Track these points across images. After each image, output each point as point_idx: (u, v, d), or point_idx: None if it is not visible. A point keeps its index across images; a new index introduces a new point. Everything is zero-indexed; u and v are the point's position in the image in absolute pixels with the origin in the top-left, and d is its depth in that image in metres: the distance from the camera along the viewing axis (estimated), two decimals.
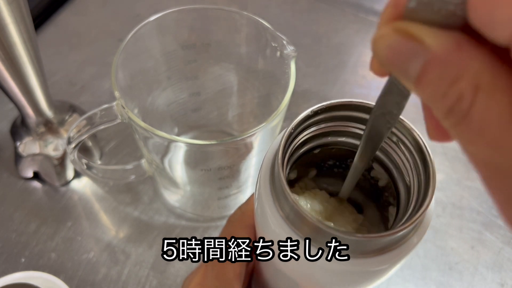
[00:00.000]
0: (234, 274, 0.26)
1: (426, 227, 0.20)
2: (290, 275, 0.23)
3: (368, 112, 0.21)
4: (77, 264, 0.40)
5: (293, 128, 0.21)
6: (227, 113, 0.44)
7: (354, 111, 0.22)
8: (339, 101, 0.21)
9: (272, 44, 0.33)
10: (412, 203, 0.20)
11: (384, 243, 0.19)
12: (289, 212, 0.19)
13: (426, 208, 0.18)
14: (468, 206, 0.44)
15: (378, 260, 0.19)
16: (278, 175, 0.19)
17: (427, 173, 0.19)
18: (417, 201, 0.20)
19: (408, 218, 0.19)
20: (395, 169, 0.22)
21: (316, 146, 0.23)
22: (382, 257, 0.19)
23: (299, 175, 0.26)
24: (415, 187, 0.20)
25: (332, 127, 0.22)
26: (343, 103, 0.21)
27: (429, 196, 0.18)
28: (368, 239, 0.18)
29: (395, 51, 0.12)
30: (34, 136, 0.42)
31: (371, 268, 0.19)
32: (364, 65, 0.55)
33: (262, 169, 0.22)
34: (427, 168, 0.19)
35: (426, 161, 0.19)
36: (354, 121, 0.22)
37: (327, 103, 0.21)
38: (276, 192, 0.20)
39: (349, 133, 0.23)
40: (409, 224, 0.18)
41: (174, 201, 0.43)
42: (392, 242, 0.19)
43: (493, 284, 0.40)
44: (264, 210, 0.21)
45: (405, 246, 0.19)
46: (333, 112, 0.22)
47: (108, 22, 0.58)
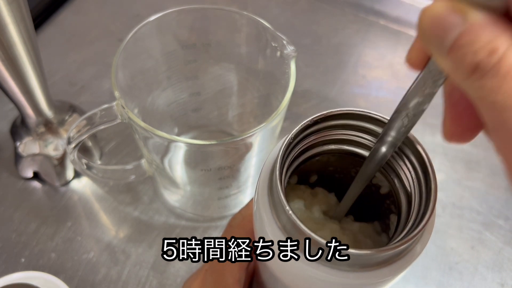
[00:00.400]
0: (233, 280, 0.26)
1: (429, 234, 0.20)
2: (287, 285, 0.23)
3: (368, 121, 0.21)
4: (77, 264, 0.40)
5: (292, 138, 0.20)
6: (227, 113, 0.44)
7: (354, 120, 0.22)
8: (339, 110, 0.21)
9: (272, 44, 0.33)
10: (413, 213, 0.20)
11: (385, 256, 0.18)
12: (286, 223, 0.19)
13: (427, 221, 0.18)
14: (468, 206, 0.44)
15: (380, 273, 0.19)
16: (276, 187, 0.19)
17: (428, 186, 0.19)
18: (419, 212, 0.19)
19: (410, 230, 0.19)
20: (396, 178, 0.22)
21: (316, 154, 0.23)
22: (384, 270, 0.19)
23: (300, 179, 0.26)
24: (416, 196, 0.20)
25: (332, 135, 0.22)
26: (343, 112, 0.21)
27: (429, 210, 0.18)
28: (367, 254, 0.18)
29: (439, 21, 0.14)
30: (34, 136, 0.42)
31: (373, 280, 0.19)
32: (364, 65, 0.55)
33: (260, 177, 0.21)
34: (428, 181, 0.19)
35: (428, 173, 0.19)
36: (354, 130, 0.22)
37: (326, 112, 0.21)
38: (274, 201, 0.20)
39: (349, 142, 0.23)
40: (410, 238, 0.18)
41: (174, 201, 0.43)
42: (394, 255, 0.19)
43: (493, 284, 0.40)
44: (261, 217, 0.21)
45: (408, 257, 0.19)
46: (333, 121, 0.22)
47: (108, 22, 0.58)
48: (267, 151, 0.35)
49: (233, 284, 0.25)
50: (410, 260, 0.19)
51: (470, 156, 0.47)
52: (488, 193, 0.44)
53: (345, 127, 0.22)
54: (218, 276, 0.26)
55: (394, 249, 0.18)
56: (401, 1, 0.60)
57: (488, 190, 0.45)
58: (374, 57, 0.55)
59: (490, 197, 0.44)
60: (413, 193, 0.21)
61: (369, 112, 0.21)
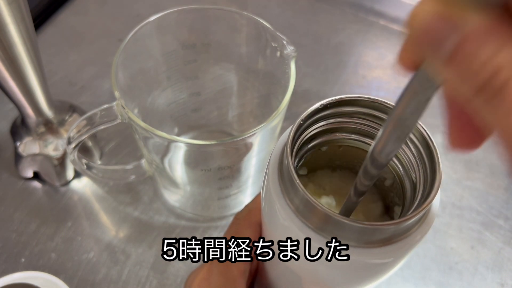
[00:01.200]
0: (239, 271, 0.26)
1: (429, 225, 0.20)
2: (293, 271, 0.23)
3: (378, 109, 0.21)
4: (77, 264, 0.40)
5: (302, 120, 0.21)
6: (227, 113, 0.44)
7: (365, 108, 0.22)
8: (350, 96, 0.21)
9: (272, 44, 0.33)
10: (417, 198, 0.20)
11: (389, 232, 0.19)
12: (299, 203, 0.19)
13: (433, 198, 0.18)
14: (468, 206, 0.44)
15: (381, 251, 0.19)
16: (287, 165, 0.19)
17: (433, 167, 0.19)
18: (423, 196, 0.20)
19: (414, 209, 0.19)
20: (401, 166, 0.22)
21: (324, 142, 0.23)
22: (385, 249, 0.19)
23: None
24: (421, 183, 0.21)
25: (341, 123, 0.23)
26: (354, 98, 0.21)
27: (435, 189, 0.19)
28: (374, 227, 0.18)
29: (432, 25, 0.12)
30: (34, 136, 0.42)
31: (373, 259, 0.19)
32: (364, 65, 0.55)
33: (270, 165, 0.22)
34: (433, 162, 0.20)
35: (432, 154, 0.20)
36: (363, 118, 0.22)
37: (338, 97, 0.21)
38: (285, 184, 0.20)
39: (358, 130, 0.23)
40: (415, 214, 0.18)
41: (174, 201, 0.43)
42: (397, 233, 0.19)
43: (493, 284, 0.40)
44: (272, 205, 0.21)
45: (408, 240, 0.19)
46: (343, 107, 0.22)
47: (108, 22, 0.58)
48: (267, 151, 0.35)
49: (238, 275, 0.26)
50: (410, 244, 0.19)
51: (469, 156, 0.47)
52: (488, 193, 0.44)
53: (355, 114, 0.22)
54: (224, 266, 0.26)
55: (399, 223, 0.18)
56: (401, 1, 0.60)
57: (488, 190, 0.45)
58: (374, 57, 0.55)
59: (490, 197, 0.44)
60: (417, 178, 0.21)
61: (379, 99, 0.21)
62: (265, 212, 0.23)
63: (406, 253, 0.20)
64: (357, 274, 0.21)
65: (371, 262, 0.19)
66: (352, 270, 0.20)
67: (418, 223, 0.20)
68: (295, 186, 0.19)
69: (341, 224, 0.18)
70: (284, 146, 0.20)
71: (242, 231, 0.27)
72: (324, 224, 0.19)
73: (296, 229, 0.20)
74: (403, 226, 0.19)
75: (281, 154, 0.21)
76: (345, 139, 0.23)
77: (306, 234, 0.19)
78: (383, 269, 0.21)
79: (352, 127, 0.23)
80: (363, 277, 0.21)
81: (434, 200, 0.19)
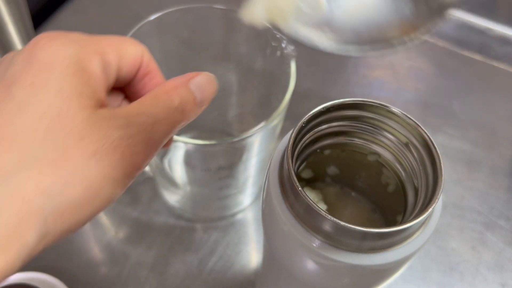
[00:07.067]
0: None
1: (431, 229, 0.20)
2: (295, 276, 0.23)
3: (380, 113, 0.21)
4: (76, 264, 0.39)
5: (304, 122, 0.20)
6: (227, 113, 0.44)
7: (367, 112, 0.21)
8: (352, 100, 0.21)
9: (272, 44, 0.33)
10: (419, 204, 0.20)
11: (391, 237, 0.19)
12: (299, 208, 0.19)
13: (435, 204, 0.18)
14: (469, 206, 0.43)
15: (383, 256, 0.19)
16: (288, 169, 0.19)
17: (435, 173, 0.19)
18: (425, 201, 0.20)
19: (417, 215, 0.19)
20: (404, 172, 0.22)
21: (327, 146, 0.23)
22: (387, 254, 0.19)
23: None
24: (423, 189, 0.20)
25: (345, 126, 0.22)
26: (358, 102, 0.21)
27: (436, 194, 0.19)
28: (376, 232, 0.18)
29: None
30: None
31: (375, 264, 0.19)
32: (365, 64, 0.55)
33: (270, 168, 0.21)
34: (435, 169, 0.20)
35: (435, 161, 0.20)
36: (367, 122, 0.22)
37: (341, 100, 0.21)
38: (285, 188, 0.20)
39: (362, 135, 0.23)
40: (417, 219, 0.18)
41: (174, 201, 0.43)
42: (399, 238, 0.19)
43: (494, 285, 0.39)
44: (273, 209, 0.21)
45: (410, 245, 0.19)
46: (347, 111, 0.22)
47: (108, 22, 0.58)
48: (267, 151, 0.35)
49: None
50: (413, 248, 0.19)
51: (471, 156, 0.47)
52: (489, 194, 0.44)
53: (357, 118, 0.22)
54: None
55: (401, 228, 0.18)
56: None
57: (489, 191, 0.44)
58: (375, 57, 0.55)
59: (491, 198, 0.44)
60: (420, 184, 0.21)
61: (383, 104, 0.21)
62: (265, 215, 0.23)
63: (408, 258, 0.20)
64: (359, 279, 0.21)
65: (373, 268, 0.19)
66: (353, 276, 0.20)
67: (421, 228, 0.19)
68: (296, 190, 0.19)
69: (343, 230, 0.18)
70: (285, 150, 0.20)
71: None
72: (325, 229, 0.19)
73: (296, 234, 0.19)
74: (405, 231, 0.19)
75: (281, 157, 0.21)
76: (348, 143, 0.23)
77: (306, 238, 0.19)
78: (385, 275, 0.21)
79: (356, 131, 0.23)
80: (365, 282, 0.21)
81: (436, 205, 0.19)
